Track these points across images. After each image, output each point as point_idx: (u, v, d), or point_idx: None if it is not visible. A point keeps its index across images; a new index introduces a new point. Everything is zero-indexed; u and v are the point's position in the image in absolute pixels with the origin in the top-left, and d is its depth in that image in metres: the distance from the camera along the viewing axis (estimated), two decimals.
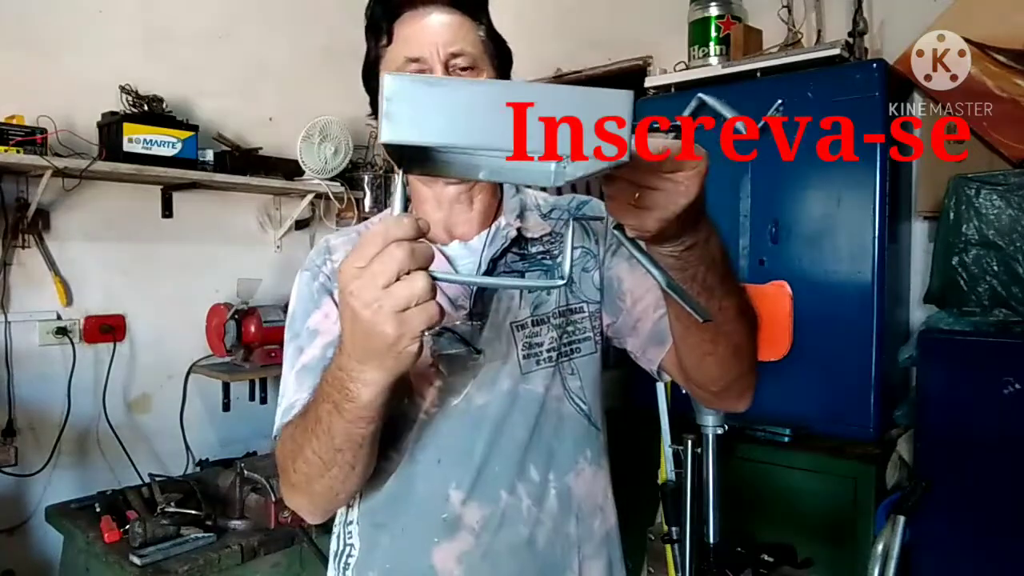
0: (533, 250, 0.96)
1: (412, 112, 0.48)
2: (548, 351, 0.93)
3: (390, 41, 0.92)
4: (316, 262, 0.95)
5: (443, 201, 0.95)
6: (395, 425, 0.87)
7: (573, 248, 0.98)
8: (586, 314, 0.96)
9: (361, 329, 0.59)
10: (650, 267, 0.62)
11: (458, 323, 0.90)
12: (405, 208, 0.61)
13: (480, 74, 0.91)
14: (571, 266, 0.64)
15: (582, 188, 4.60)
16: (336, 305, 0.90)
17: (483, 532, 0.87)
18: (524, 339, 0.92)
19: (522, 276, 0.94)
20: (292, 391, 0.88)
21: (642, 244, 0.64)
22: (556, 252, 0.97)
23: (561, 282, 0.63)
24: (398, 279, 0.56)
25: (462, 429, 0.88)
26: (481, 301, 0.92)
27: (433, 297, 0.57)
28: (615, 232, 0.64)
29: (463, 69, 0.89)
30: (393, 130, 0.48)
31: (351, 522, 0.95)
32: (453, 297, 0.91)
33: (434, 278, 0.57)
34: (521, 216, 0.98)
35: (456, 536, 0.87)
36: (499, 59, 0.97)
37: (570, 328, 0.95)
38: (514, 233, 0.95)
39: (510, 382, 0.90)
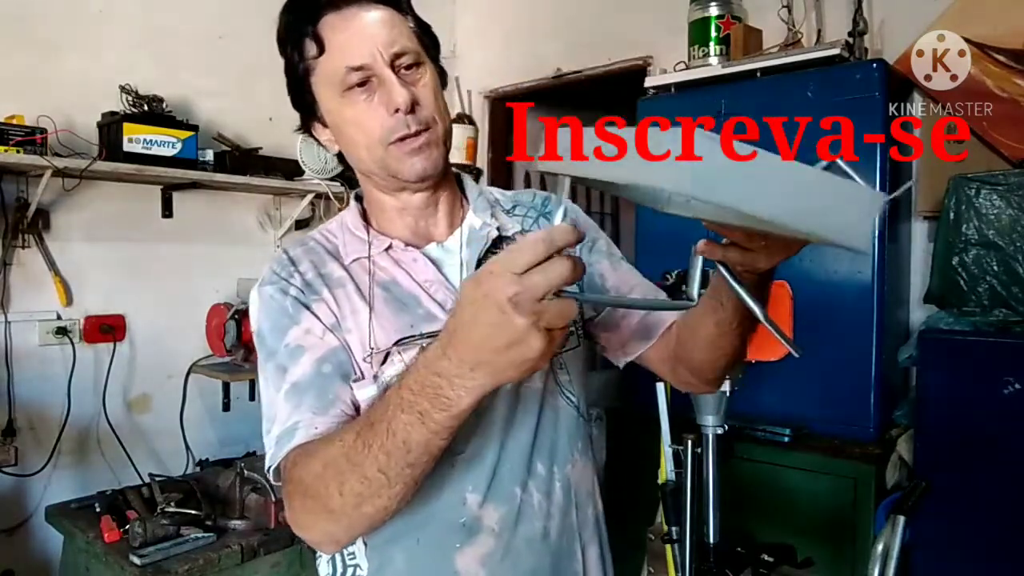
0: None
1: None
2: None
3: (322, 51, 0.86)
4: (281, 275, 0.89)
5: (410, 208, 0.93)
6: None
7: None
8: None
9: (505, 338, 0.55)
10: (752, 303, 0.67)
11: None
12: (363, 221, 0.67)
13: (424, 70, 0.88)
14: (698, 291, 0.67)
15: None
16: (318, 319, 0.85)
17: (503, 532, 0.88)
18: None
19: None
20: (287, 411, 0.81)
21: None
22: None
23: (691, 303, 0.66)
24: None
25: (473, 432, 0.87)
26: None
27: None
28: (720, 268, 0.69)
29: (407, 68, 0.86)
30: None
31: (353, 541, 0.91)
32: (442, 301, 0.89)
33: (578, 299, 0.57)
34: (493, 215, 0.97)
35: (476, 539, 0.87)
36: (433, 49, 0.92)
37: None
38: (495, 234, 0.94)
39: (510, 383, 0.90)
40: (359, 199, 0.98)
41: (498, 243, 0.94)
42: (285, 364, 0.83)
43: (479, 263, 0.91)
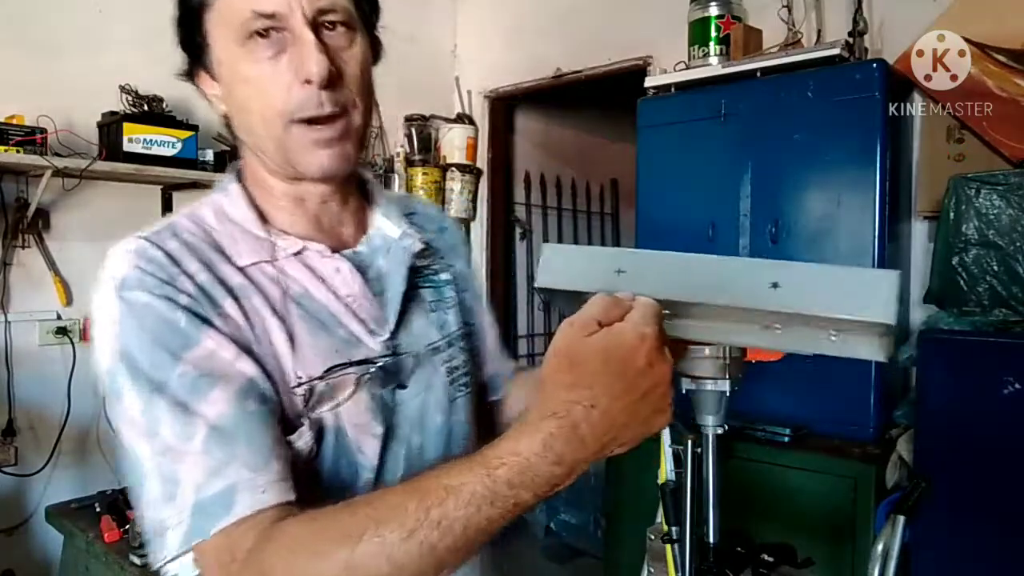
0: (419, 264, 0.81)
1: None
2: (463, 375, 0.83)
3: None
4: (159, 276, 0.64)
5: (310, 199, 0.75)
6: (343, 494, 0.65)
7: (448, 266, 0.88)
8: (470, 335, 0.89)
9: (650, 415, 0.55)
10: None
11: (381, 353, 0.74)
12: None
13: (355, 37, 0.70)
14: None
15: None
16: (226, 338, 0.64)
17: None
18: (443, 364, 0.80)
19: (418, 292, 0.80)
20: (207, 468, 0.59)
21: None
22: (436, 266, 0.85)
23: None
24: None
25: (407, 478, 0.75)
26: (398, 322, 0.76)
27: None
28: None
29: (332, 27, 0.68)
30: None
31: None
32: (365, 318, 0.73)
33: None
34: (411, 224, 0.83)
35: None
36: (371, 15, 0.75)
37: (468, 351, 0.86)
38: (418, 246, 0.80)
39: (441, 416, 0.79)
40: (238, 178, 0.77)
41: (422, 255, 0.81)
42: (187, 400, 0.61)
43: (410, 279, 0.78)
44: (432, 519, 0.53)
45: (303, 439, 0.67)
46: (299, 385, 0.67)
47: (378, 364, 0.73)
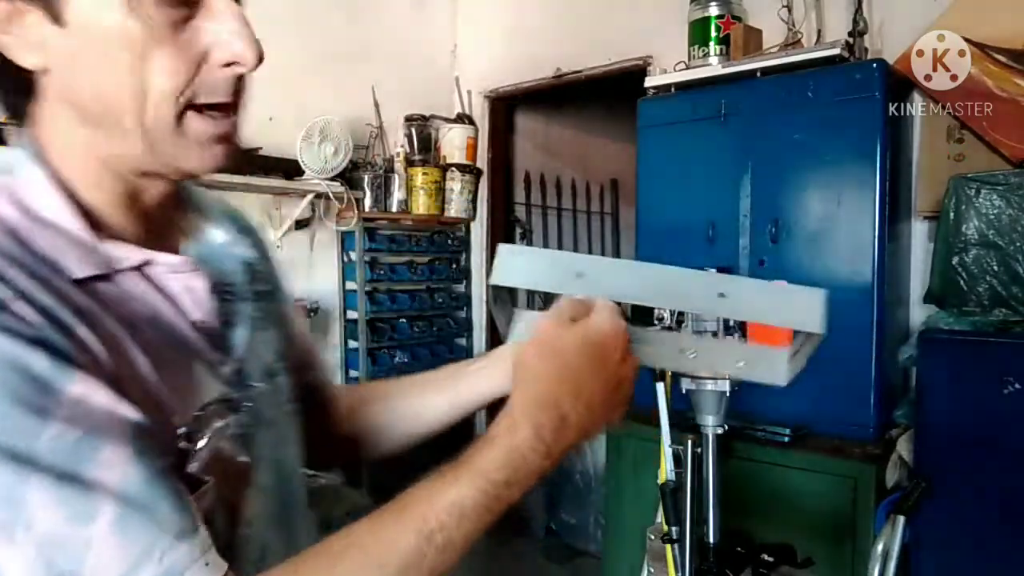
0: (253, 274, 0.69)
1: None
2: (292, 395, 0.71)
3: None
4: None
5: (148, 196, 0.58)
6: (230, 550, 0.55)
7: (268, 274, 0.74)
8: None
9: (616, 407, 0.61)
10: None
11: (236, 384, 0.61)
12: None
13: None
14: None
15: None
16: (94, 378, 0.46)
17: None
18: (283, 389, 0.68)
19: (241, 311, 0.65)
20: (131, 551, 0.44)
21: None
22: (261, 276, 0.71)
23: None
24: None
25: (277, 528, 0.63)
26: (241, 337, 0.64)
27: None
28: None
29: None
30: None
31: None
32: (216, 342, 0.60)
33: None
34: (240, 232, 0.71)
35: None
36: None
37: (293, 368, 0.73)
38: (253, 254, 0.69)
39: (290, 447, 0.69)
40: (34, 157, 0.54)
41: (253, 268, 0.68)
42: (73, 470, 0.44)
43: (258, 294, 0.67)
44: (437, 544, 0.51)
45: (210, 494, 0.54)
46: (178, 428, 0.53)
47: (245, 398, 0.61)
